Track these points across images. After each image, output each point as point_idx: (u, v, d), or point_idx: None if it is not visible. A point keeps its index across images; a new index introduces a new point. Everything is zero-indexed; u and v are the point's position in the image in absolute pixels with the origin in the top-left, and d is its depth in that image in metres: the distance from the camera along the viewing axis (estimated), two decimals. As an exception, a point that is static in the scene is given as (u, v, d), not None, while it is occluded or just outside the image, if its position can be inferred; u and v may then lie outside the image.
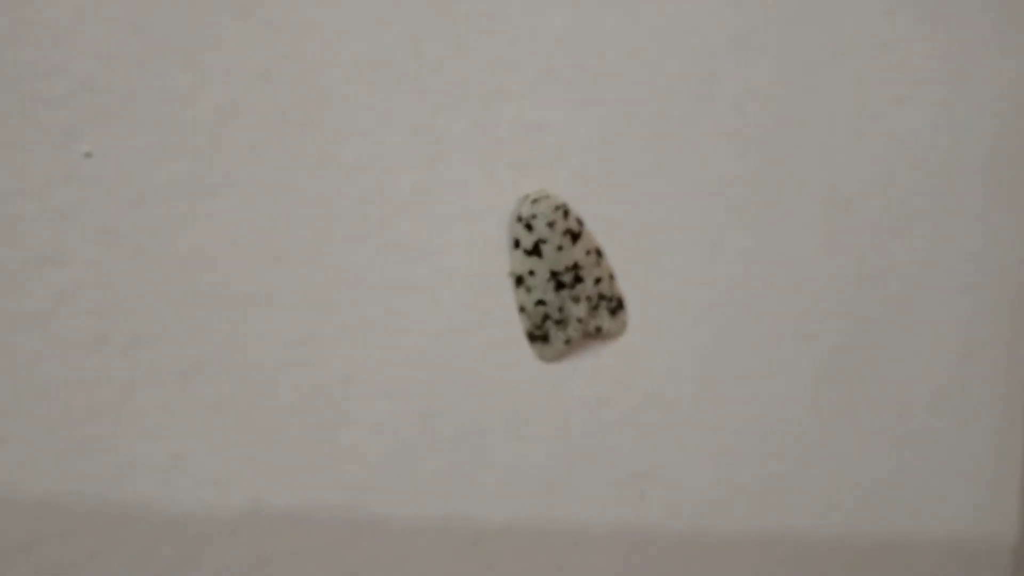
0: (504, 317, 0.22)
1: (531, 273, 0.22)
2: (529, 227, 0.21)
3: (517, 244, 0.21)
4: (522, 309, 0.22)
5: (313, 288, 0.20)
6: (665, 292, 0.22)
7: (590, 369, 0.22)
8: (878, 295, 0.22)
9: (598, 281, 0.22)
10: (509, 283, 0.21)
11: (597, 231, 0.22)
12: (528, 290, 0.22)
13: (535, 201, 0.21)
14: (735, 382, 0.22)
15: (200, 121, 0.20)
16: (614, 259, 0.22)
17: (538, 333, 0.22)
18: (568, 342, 0.22)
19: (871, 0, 0.22)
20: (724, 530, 0.22)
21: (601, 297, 0.22)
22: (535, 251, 0.21)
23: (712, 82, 0.21)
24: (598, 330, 0.22)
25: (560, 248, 0.21)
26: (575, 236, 0.22)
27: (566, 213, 0.21)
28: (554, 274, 0.22)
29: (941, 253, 0.22)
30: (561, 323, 0.22)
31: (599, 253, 0.22)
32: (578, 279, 0.22)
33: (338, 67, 0.20)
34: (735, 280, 0.22)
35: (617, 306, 0.22)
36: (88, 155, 0.19)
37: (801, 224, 0.22)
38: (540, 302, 0.22)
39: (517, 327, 0.22)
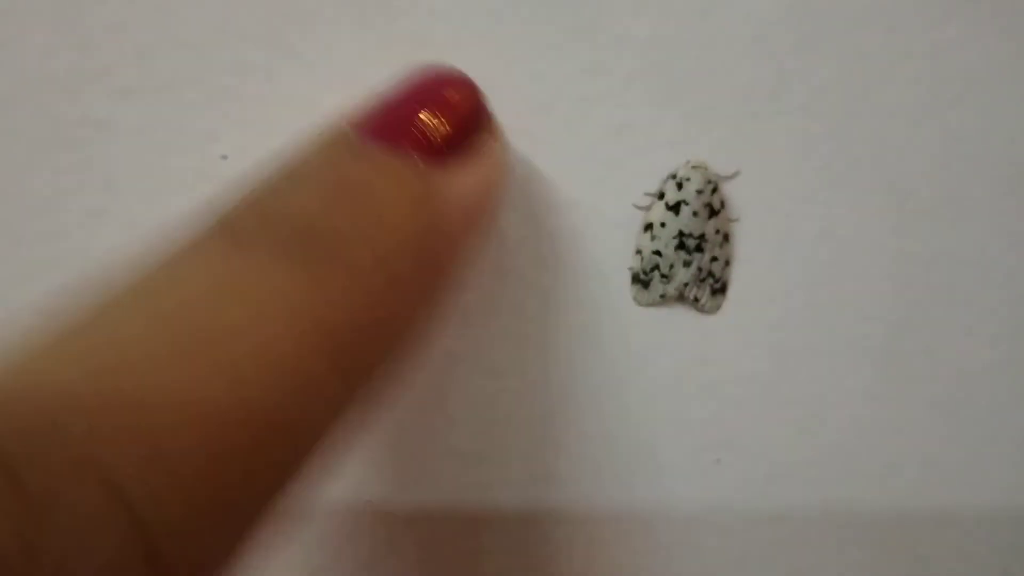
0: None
1: (662, 225, 0.23)
2: (679, 186, 0.23)
3: (661, 196, 0.23)
4: (639, 251, 0.23)
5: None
6: (741, 277, 0.24)
7: (675, 332, 0.24)
8: (935, 279, 0.24)
9: (714, 260, 0.23)
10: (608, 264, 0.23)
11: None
12: (652, 238, 0.23)
13: (694, 167, 0.23)
14: (805, 362, 0.24)
15: (322, 124, 0.21)
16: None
17: (643, 277, 0.23)
18: (664, 296, 0.24)
19: (925, 8, 0.23)
20: (792, 497, 0.24)
21: (710, 274, 0.23)
22: (674, 208, 0.23)
23: (780, 83, 0.23)
24: (696, 300, 0.23)
25: (696, 215, 0.23)
26: (713, 212, 0.23)
27: (714, 189, 0.23)
28: (681, 234, 0.23)
29: (992, 239, 0.24)
30: (666, 278, 0.23)
31: (727, 238, 0.23)
32: (699, 249, 0.23)
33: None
34: (803, 267, 0.23)
35: (720, 289, 0.24)
36: (224, 157, 0.21)
37: (864, 215, 0.23)
38: (657, 252, 0.23)
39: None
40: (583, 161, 0.23)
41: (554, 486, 0.23)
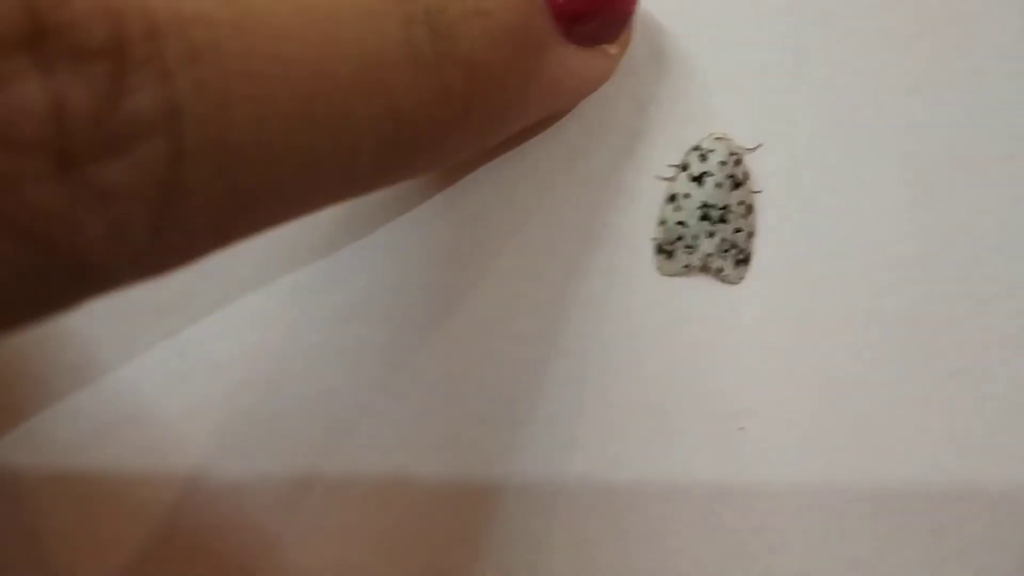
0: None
1: (686, 196, 0.24)
2: (703, 157, 0.23)
3: (685, 168, 0.24)
4: (663, 222, 0.24)
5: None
6: (764, 248, 0.24)
7: (698, 302, 0.24)
8: (957, 250, 0.24)
9: (738, 231, 0.24)
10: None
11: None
12: (676, 209, 0.24)
13: (717, 139, 0.23)
14: (828, 332, 0.24)
15: None
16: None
17: (667, 248, 0.24)
18: (687, 267, 0.24)
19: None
20: (816, 466, 0.24)
21: (733, 245, 0.24)
22: (698, 179, 0.23)
23: (803, 56, 0.23)
24: (719, 271, 0.24)
25: (719, 186, 0.23)
26: (737, 184, 0.24)
27: (738, 161, 0.23)
28: (705, 205, 0.24)
29: (1015, 212, 0.24)
30: (689, 248, 0.24)
31: (750, 209, 0.24)
32: (723, 220, 0.24)
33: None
34: (825, 239, 0.24)
35: (743, 260, 0.24)
36: None
37: (886, 188, 0.24)
38: (681, 223, 0.24)
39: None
40: (608, 133, 0.23)
41: (577, 454, 0.23)
